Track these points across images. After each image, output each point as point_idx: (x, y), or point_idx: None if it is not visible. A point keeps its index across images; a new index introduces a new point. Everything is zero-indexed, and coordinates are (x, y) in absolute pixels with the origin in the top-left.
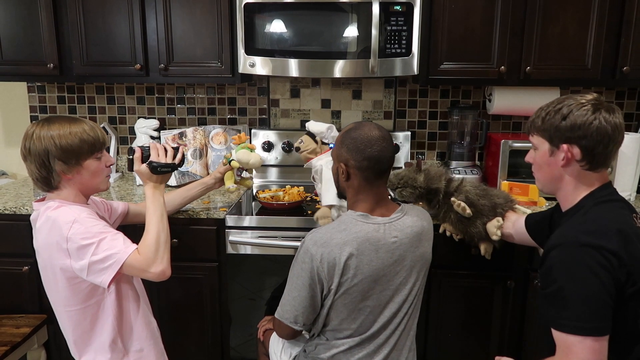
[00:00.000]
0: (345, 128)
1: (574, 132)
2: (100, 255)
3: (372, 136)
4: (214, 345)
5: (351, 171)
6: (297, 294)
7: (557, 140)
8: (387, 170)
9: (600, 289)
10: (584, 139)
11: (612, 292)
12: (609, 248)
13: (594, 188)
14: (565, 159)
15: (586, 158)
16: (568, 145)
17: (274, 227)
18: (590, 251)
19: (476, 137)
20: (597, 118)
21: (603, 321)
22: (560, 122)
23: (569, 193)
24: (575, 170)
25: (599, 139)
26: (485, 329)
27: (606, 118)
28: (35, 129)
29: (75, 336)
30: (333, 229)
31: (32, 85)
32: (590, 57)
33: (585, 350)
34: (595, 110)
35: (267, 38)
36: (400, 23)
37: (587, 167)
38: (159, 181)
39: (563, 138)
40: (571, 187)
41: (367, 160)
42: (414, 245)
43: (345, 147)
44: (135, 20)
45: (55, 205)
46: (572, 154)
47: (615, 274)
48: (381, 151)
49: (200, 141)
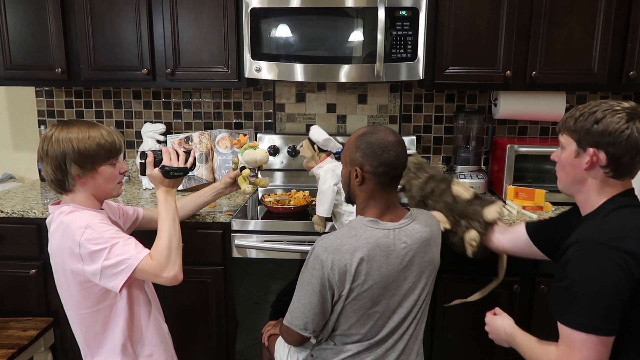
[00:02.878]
0: (359, 131)
1: (603, 138)
2: (112, 260)
3: (389, 141)
4: (219, 349)
5: (366, 176)
6: (307, 300)
7: (585, 143)
8: (400, 176)
9: (611, 289)
10: (612, 146)
11: (625, 293)
12: (626, 249)
13: (615, 194)
14: (590, 163)
15: (611, 165)
16: (595, 150)
17: (279, 231)
18: (608, 250)
19: (482, 142)
20: (629, 127)
21: (609, 322)
22: (592, 125)
23: (589, 197)
24: (598, 175)
25: (627, 149)
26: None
27: (639, 128)
28: (55, 131)
29: (87, 339)
30: (343, 235)
31: (40, 90)
32: (596, 62)
33: (586, 348)
34: (629, 120)
35: (273, 43)
36: (406, 28)
37: (611, 174)
38: (171, 185)
39: (592, 142)
40: (593, 192)
41: (383, 166)
42: (423, 251)
43: (361, 152)
44: (142, 25)
45: (68, 209)
46: (598, 159)
47: (631, 276)
48: (397, 157)
49: (206, 145)
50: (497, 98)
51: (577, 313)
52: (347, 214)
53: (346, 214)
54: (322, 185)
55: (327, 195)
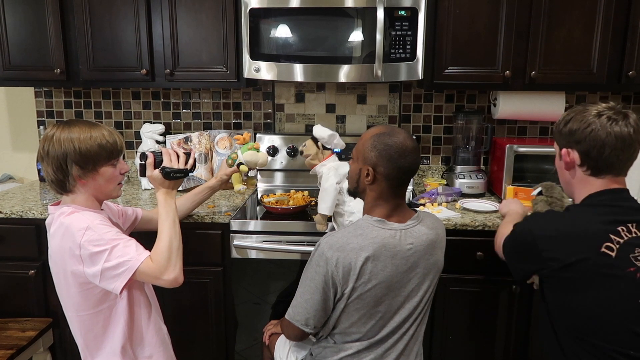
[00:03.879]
0: (377, 130)
1: (571, 137)
2: (112, 262)
3: (407, 146)
4: (219, 349)
5: (378, 177)
6: (309, 296)
7: (560, 145)
8: (410, 180)
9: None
10: (579, 144)
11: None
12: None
13: (593, 192)
14: (565, 163)
15: (585, 162)
16: (567, 150)
17: (278, 232)
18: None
19: (481, 142)
20: (594, 123)
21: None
22: (562, 127)
23: (577, 196)
24: (578, 174)
25: (592, 144)
26: (490, 334)
27: (603, 124)
28: (55, 131)
29: (86, 341)
30: (349, 233)
31: (39, 90)
32: (595, 62)
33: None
34: (596, 116)
35: (272, 43)
36: (405, 28)
37: (589, 172)
38: (171, 187)
39: (563, 142)
40: (577, 191)
41: (397, 170)
42: (428, 253)
43: (377, 152)
44: (141, 25)
45: (69, 210)
46: (572, 158)
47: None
48: (412, 163)
49: (205, 146)
50: (497, 98)
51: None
52: (348, 214)
53: (347, 214)
54: (325, 183)
55: (330, 192)
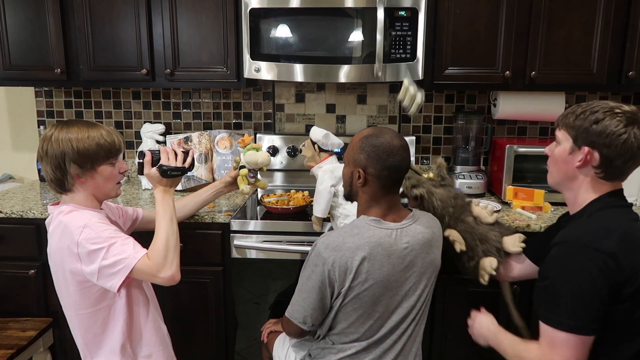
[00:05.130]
0: (364, 132)
1: (600, 138)
2: (110, 260)
3: (394, 145)
4: (219, 349)
5: (369, 178)
6: (306, 295)
7: (581, 141)
8: (403, 178)
9: (591, 290)
10: (607, 148)
11: (604, 295)
12: (606, 250)
13: (603, 193)
14: (582, 161)
15: (603, 166)
16: (590, 149)
17: (278, 232)
18: (589, 252)
19: (481, 142)
20: (627, 132)
21: (589, 322)
22: (591, 125)
23: (578, 195)
24: (589, 174)
25: (622, 152)
26: None
27: (636, 134)
28: (54, 131)
29: (86, 340)
30: (345, 233)
31: (39, 90)
32: (595, 62)
33: (566, 347)
34: (628, 124)
35: (272, 43)
36: (405, 28)
37: (602, 175)
38: (168, 185)
39: (588, 141)
40: (582, 190)
41: (387, 170)
42: (425, 252)
43: (365, 154)
44: (141, 25)
45: (67, 209)
46: (591, 158)
47: (612, 277)
48: (401, 161)
49: (205, 146)
50: (497, 98)
51: (559, 313)
52: (343, 217)
53: (342, 217)
54: (319, 186)
55: (323, 195)
